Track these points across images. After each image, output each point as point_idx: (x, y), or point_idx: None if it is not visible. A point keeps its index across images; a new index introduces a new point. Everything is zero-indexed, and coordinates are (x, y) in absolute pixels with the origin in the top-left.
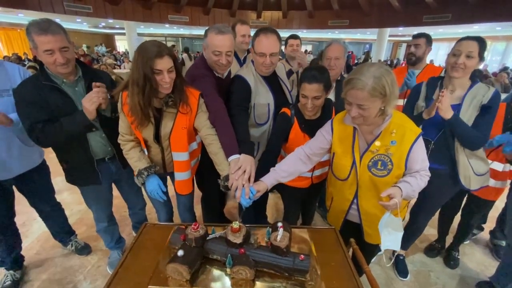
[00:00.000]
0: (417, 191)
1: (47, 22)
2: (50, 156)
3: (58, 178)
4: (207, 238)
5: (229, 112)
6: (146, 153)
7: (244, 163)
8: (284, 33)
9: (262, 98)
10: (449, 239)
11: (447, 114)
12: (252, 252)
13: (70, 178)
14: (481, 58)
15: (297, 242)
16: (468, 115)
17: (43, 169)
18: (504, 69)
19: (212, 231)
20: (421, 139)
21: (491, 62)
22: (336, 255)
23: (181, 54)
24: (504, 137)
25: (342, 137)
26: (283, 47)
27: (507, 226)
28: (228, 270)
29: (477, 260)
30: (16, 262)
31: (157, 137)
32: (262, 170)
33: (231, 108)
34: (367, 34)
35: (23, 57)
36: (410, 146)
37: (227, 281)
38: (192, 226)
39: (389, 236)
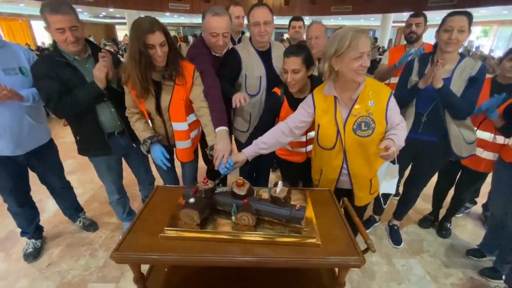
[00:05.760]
0: (403, 141)
1: (58, 3)
2: (60, 141)
3: (69, 160)
4: (215, 191)
5: None
6: (151, 125)
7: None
8: (286, 21)
9: (255, 71)
10: (442, 213)
11: (439, 83)
12: (254, 202)
13: (82, 149)
14: (470, 31)
15: (295, 199)
16: (457, 87)
17: (51, 147)
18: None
19: (219, 186)
20: (393, 97)
21: (497, 47)
22: (330, 209)
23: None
24: (490, 101)
25: (324, 108)
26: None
27: (491, 196)
28: (233, 217)
29: (469, 231)
30: (36, 232)
31: (159, 109)
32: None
33: (219, 77)
34: (371, 20)
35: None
36: (387, 102)
37: (232, 226)
38: (202, 180)
39: (388, 182)
